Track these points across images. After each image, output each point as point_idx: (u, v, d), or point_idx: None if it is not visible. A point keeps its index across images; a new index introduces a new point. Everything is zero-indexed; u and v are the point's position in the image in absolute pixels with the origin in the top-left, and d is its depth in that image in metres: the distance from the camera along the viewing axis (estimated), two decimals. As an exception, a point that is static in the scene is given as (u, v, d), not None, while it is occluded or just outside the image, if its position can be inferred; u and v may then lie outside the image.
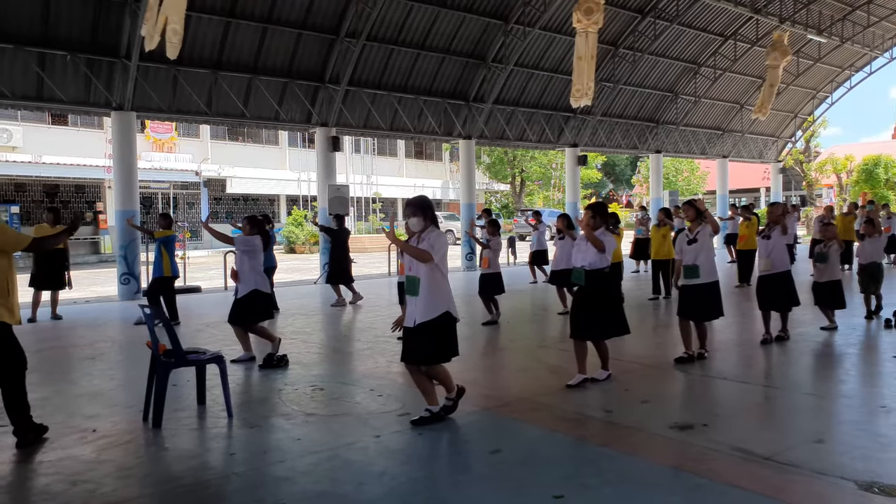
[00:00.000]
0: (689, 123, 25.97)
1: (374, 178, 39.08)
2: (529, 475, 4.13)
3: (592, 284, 6.04)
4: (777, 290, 7.76)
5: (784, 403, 5.69)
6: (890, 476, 3.93)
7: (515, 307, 11.54)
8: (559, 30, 18.97)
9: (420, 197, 5.19)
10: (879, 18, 24.53)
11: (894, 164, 36.19)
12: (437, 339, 4.94)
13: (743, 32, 23.36)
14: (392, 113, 17.95)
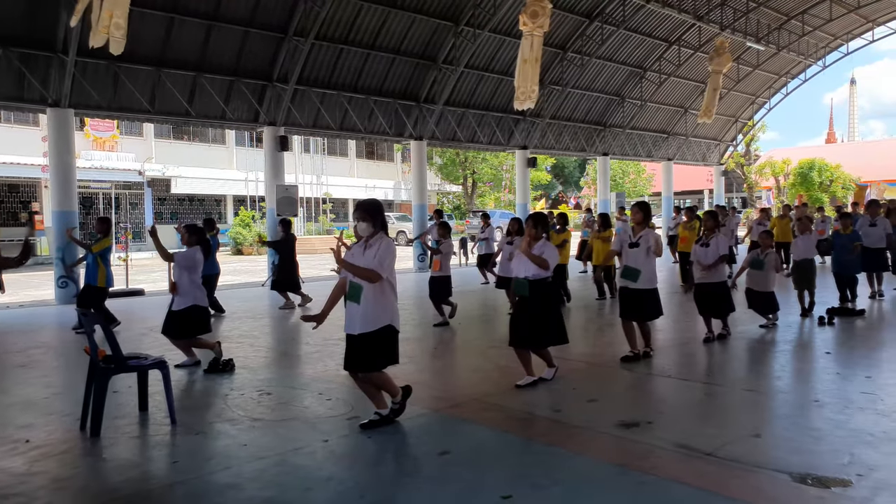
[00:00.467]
0: (635, 127, 26.55)
1: (325, 178, 38.70)
2: (478, 476, 4.14)
3: (536, 294, 6.01)
4: (714, 299, 7.91)
5: (724, 400, 5.85)
6: (822, 468, 4.08)
7: (467, 308, 11.57)
8: (509, 32, 19.13)
9: (370, 201, 5.10)
10: (813, 28, 25.56)
11: (828, 168, 37.70)
12: (378, 350, 4.88)
13: (686, 38, 24.02)
14: (342, 113, 17.80)
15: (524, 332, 6.07)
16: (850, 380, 6.19)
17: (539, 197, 49.90)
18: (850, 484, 3.84)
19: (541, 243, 6.07)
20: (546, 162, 44.82)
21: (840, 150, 47.09)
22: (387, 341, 4.93)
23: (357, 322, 4.85)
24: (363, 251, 4.91)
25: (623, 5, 20.39)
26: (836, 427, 4.84)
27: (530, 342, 6.11)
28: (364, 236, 4.96)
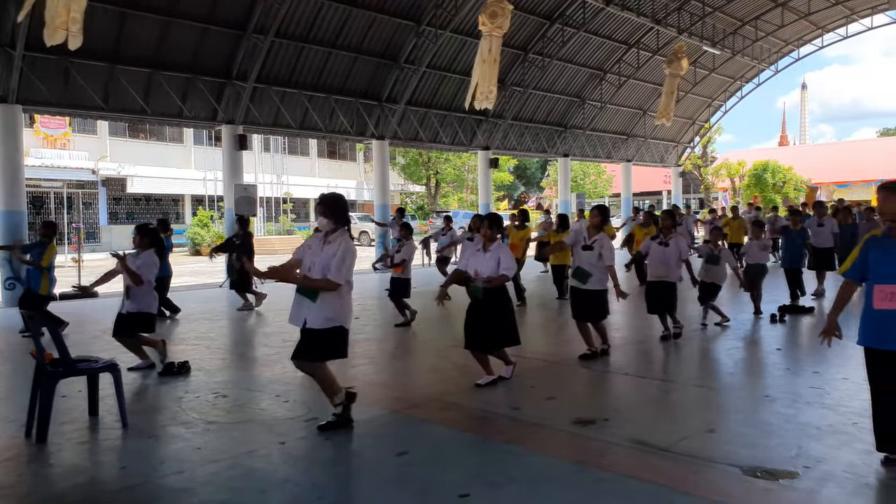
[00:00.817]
0: (595, 128, 26.89)
1: (285, 177, 38.29)
2: (436, 475, 4.13)
3: (490, 298, 5.96)
4: (663, 296, 7.99)
5: (679, 396, 5.96)
6: (771, 461, 4.18)
7: (427, 308, 11.56)
8: (470, 33, 19.18)
9: (333, 195, 4.95)
10: (766, 34, 26.25)
11: (781, 170, 38.78)
12: (326, 346, 4.83)
13: (645, 42, 24.43)
14: (303, 112, 17.62)
15: (478, 335, 6.04)
16: (799, 375, 6.36)
17: (502, 198, 50.19)
18: (798, 476, 3.94)
19: (496, 245, 6.06)
20: (508, 163, 45.09)
21: (792, 153, 48.41)
22: (337, 338, 4.86)
23: (309, 316, 4.75)
24: (322, 246, 4.80)
25: (583, 8, 20.64)
26: (786, 421, 4.97)
27: (484, 345, 6.08)
28: (325, 231, 4.86)
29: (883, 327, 3.94)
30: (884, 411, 4.03)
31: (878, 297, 3.95)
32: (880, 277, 3.98)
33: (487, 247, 6.06)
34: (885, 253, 3.99)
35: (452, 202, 44.78)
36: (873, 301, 3.99)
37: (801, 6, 24.90)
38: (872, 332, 4.00)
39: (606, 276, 7.02)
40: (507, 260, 5.99)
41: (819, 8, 25.17)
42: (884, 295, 3.93)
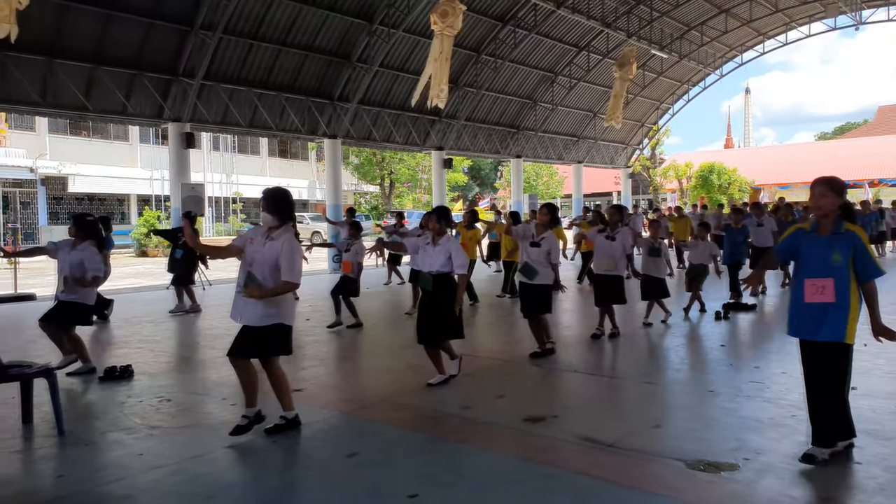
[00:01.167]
0: (547, 130, 27.19)
1: (235, 177, 37.60)
2: (385, 476, 4.10)
3: (439, 288, 5.99)
4: (609, 289, 8.13)
5: (627, 392, 6.06)
6: (714, 454, 4.28)
7: (379, 308, 11.52)
8: (424, 33, 19.17)
9: (277, 190, 4.82)
10: (711, 39, 26.97)
11: (726, 172, 39.95)
12: (270, 343, 4.74)
13: (595, 44, 24.82)
14: (252, 109, 17.33)
15: (427, 326, 6.06)
16: (741, 370, 6.54)
17: (456, 198, 50.33)
18: (738, 468, 4.04)
19: (445, 238, 6.06)
20: (463, 163, 45.27)
21: (737, 155, 49.90)
22: (279, 335, 4.76)
23: (248, 313, 4.65)
24: (264, 241, 4.68)
25: (535, 10, 20.85)
26: (727, 415, 5.10)
27: (432, 336, 6.08)
28: (269, 227, 4.74)
29: (813, 319, 4.03)
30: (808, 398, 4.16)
31: (809, 291, 4.04)
32: (810, 271, 4.07)
33: (437, 241, 6.05)
34: (813, 247, 4.08)
35: (407, 202, 44.67)
36: (804, 295, 4.07)
37: (743, 13, 25.67)
38: (804, 324, 4.09)
39: (551, 272, 7.13)
40: (459, 256, 5.99)
41: (760, 15, 25.99)
42: (815, 289, 4.02)
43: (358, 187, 44.60)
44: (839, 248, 3.99)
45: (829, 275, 3.99)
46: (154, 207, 30.82)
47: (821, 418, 4.09)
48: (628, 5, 22.78)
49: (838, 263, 3.97)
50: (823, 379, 4.07)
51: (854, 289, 4.02)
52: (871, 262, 4.01)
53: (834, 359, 4.03)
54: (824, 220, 4.08)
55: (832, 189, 4.04)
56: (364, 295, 13.22)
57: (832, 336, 3.99)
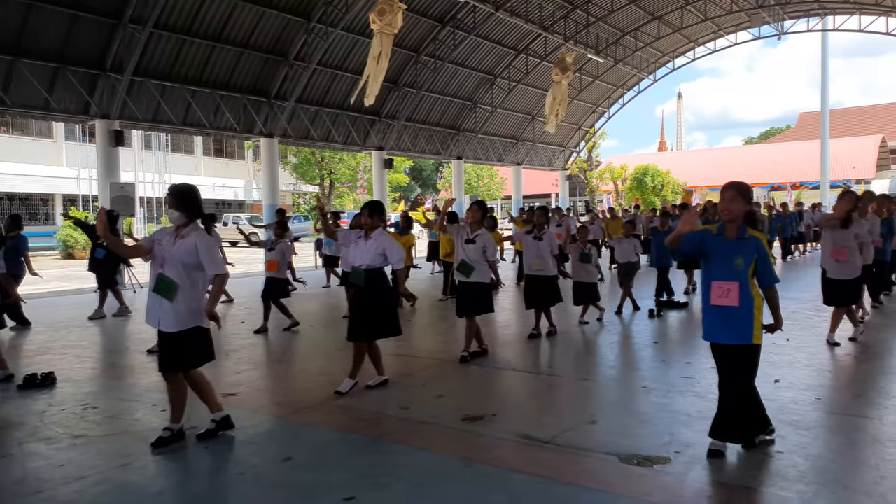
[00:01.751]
0: (487, 132, 27.42)
1: (168, 176, 36.44)
2: (321, 479, 4.03)
3: (371, 284, 5.88)
4: (542, 290, 8.17)
5: (563, 389, 6.15)
6: (646, 448, 4.38)
7: (316, 310, 11.36)
8: (363, 32, 19.05)
9: (183, 186, 4.65)
10: (644, 44, 27.76)
11: (659, 174, 41.17)
12: (190, 348, 4.59)
13: (533, 48, 25.17)
14: (185, 107, 16.85)
15: (359, 324, 5.91)
16: (672, 366, 6.73)
17: (398, 199, 50.18)
18: (669, 461, 4.15)
19: (377, 232, 5.92)
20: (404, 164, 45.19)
21: (670, 158, 51.48)
22: (200, 340, 4.63)
23: (164, 319, 4.51)
24: (174, 240, 4.52)
25: (474, 12, 20.99)
26: (660, 410, 5.23)
27: (364, 333, 5.91)
28: (177, 225, 4.58)
29: (721, 321, 4.10)
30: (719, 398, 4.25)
31: (715, 294, 4.11)
32: (716, 275, 4.13)
33: (369, 235, 5.93)
34: (719, 251, 4.14)
35: (347, 202, 44.23)
36: (711, 298, 4.13)
37: (675, 20, 26.50)
38: (714, 326, 4.15)
39: (488, 270, 7.15)
40: (394, 251, 5.87)
41: (691, 23, 26.88)
42: (721, 291, 4.09)
43: (296, 187, 43.92)
44: (743, 253, 4.07)
45: (734, 279, 4.06)
46: (81, 207, 29.58)
47: (740, 416, 4.15)
48: (565, 10, 23.19)
49: (741, 268, 4.06)
50: (735, 380, 4.13)
51: (755, 292, 4.11)
52: (770, 269, 4.15)
53: (744, 360, 4.10)
54: (731, 224, 4.15)
55: (741, 195, 4.12)
56: (303, 296, 13.06)
57: (740, 339, 4.06)
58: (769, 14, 24.60)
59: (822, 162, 35.70)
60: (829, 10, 25.58)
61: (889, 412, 5.05)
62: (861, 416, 5.02)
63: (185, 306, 4.49)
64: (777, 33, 26.36)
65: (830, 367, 6.51)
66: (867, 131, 50.73)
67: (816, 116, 43.72)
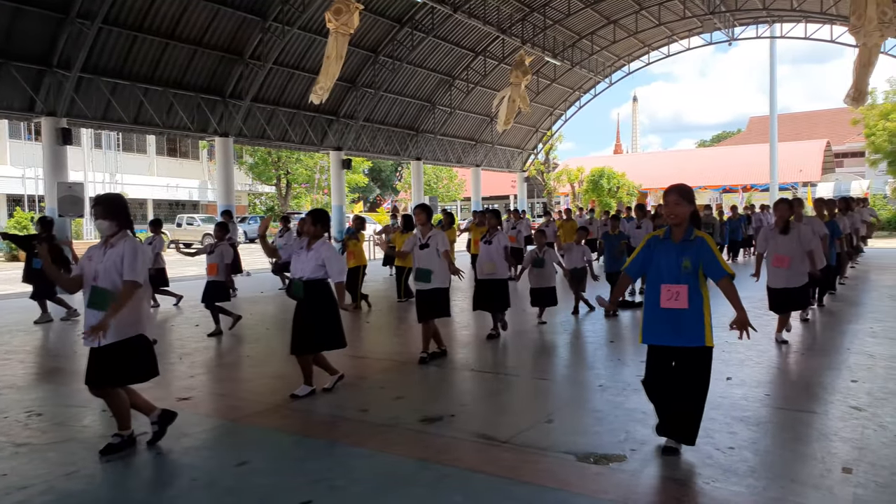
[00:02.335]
0: (445, 133, 27.46)
1: (120, 176, 35.58)
2: (277, 483, 3.97)
3: (312, 296, 5.71)
4: (494, 293, 8.15)
5: (521, 389, 6.18)
6: (603, 446, 4.43)
7: (273, 313, 11.20)
8: (319, 31, 18.88)
9: (110, 196, 4.54)
10: (600, 48, 28.15)
11: (615, 176, 41.84)
12: (130, 361, 4.40)
13: (492, 50, 25.31)
14: (137, 105, 16.43)
15: (301, 335, 5.74)
16: (627, 365, 6.82)
17: (357, 199, 49.86)
18: (625, 458, 4.21)
19: (320, 242, 5.75)
20: (363, 165, 44.91)
21: (625, 161, 52.37)
22: (141, 351, 4.47)
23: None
24: (104, 251, 4.39)
25: (432, 13, 20.99)
26: (615, 408, 5.30)
27: (306, 346, 5.77)
28: (106, 235, 4.44)
29: (671, 324, 4.08)
30: (654, 400, 4.27)
31: (664, 296, 4.10)
32: (665, 277, 4.13)
33: (311, 244, 5.74)
34: (666, 254, 4.15)
35: (305, 203, 43.77)
36: (660, 300, 4.09)
37: (630, 25, 26.96)
38: (662, 329, 4.12)
39: (448, 272, 7.06)
40: (335, 263, 5.69)
41: (645, 27, 27.38)
42: (670, 294, 4.09)
43: (252, 188, 43.27)
44: (689, 254, 4.08)
45: (684, 281, 4.07)
46: (26, 208, 28.63)
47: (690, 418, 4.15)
48: (523, 13, 23.37)
49: (688, 270, 4.07)
50: (689, 383, 4.11)
51: (705, 294, 4.12)
52: (718, 262, 4.11)
53: (699, 363, 4.09)
54: (678, 228, 4.17)
55: (684, 197, 4.13)
56: (259, 299, 12.87)
57: (694, 341, 4.05)
58: (720, 20, 25.22)
59: (771, 165, 36.78)
60: (776, 18, 26.35)
61: (834, 407, 5.22)
62: (808, 412, 5.17)
63: (124, 315, 4.30)
64: (728, 39, 27.04)
65: (779, 365, 6.69)
66: (813, 136, 52.55)
67: (766, 121, 45.05)
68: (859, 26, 12.50)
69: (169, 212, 40.21)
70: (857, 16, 12.54)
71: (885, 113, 30.67)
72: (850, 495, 3.63)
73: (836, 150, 52.24)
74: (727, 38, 26.81)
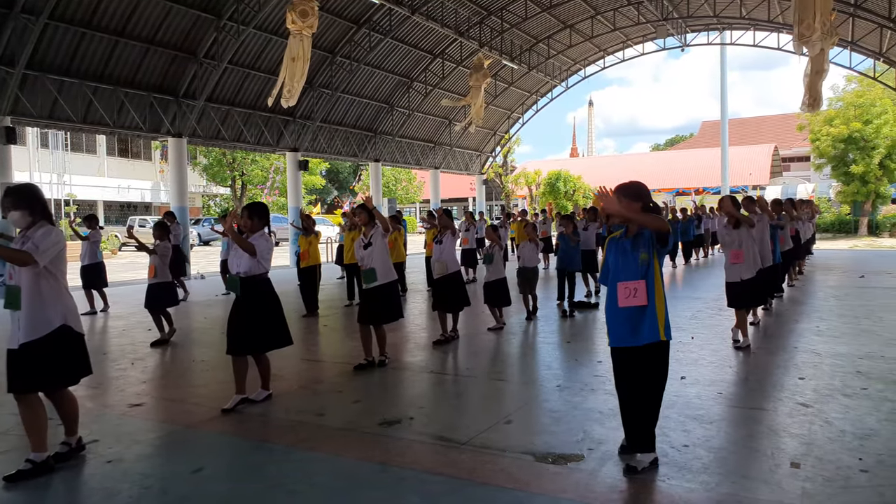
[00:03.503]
0: (404, 135, 27.40)
1: (68, 177, 34.50)
2: (233, 490, 3.90)
3: (249, 292, 5.52)
4: (450, 292, 8.19)
5: (480, 390, 6.20)
6: (560, 446, 4.48)
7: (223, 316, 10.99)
8: (275, 31, 18.64)
9: (22, 185, 4.28)
10: (557, 52, 28.47)
11: (571, 179, 42.39)
12: (49, 361, 4.12)
13: (450, 52, 25.36)
14: (86, 104, 15.95)
15: (240, 335, 5.51)
16: (585, 365, 6.91)
17: (315, 201, 49.39)
18: (583, 458, 4.26)
19: (257, 235, 5.53)
20: (320, 166, 44.41)
21: (581, 164, 53.08)
22: (63, 347, 4.16)
23: (21, 331, 4.07)
24: (21, 245, 4.12)
25: (390, 15, 20.93)
26: (573, 408, 5.36)
27: (247, 346, 5.55)
28: (21, 228, 4.20)
29: (630, 324, 4.05)
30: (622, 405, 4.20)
31: (622, 295, 4.10)
32: (621, 275, 4.13)
33: (248, 238, 5.51)
34: (623, 252, 4.17)
35: (261, 206, 43.09)
36: (618, 299, 4.08)
37: (585, 29, 27.34)
38: (623, 330, 4.10)
39: (391, 267, 6.94)
40: (263, 247, 5.47)
41: (600, 32, 27.81)
42: (628, 292, 4.09)
43: (207, 189, 42.48)
44: (644, 245, 4.08)
45: (640, 276, 4.07)
46: (-32, 209, 27.49)
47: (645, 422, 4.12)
48: (480, 16, 23.49)
49: (645, 262, 4.07)
50: (648, 383, 4.09)
51: (659, 287, 4.12)
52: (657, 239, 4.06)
53: (657, 359, 4.07)
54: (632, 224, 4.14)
55: (626, 195, 4.08)
56: (212, 302, 12.63)
57: (652, 338, 4.04)
58: (673, 27, 25.78)
59: (723, 169, 37.76)
60: (727, 25, 27.04)
61: (782, 404, 5.37)
62: (758, 409, 5.32)
63: (37, 311, 4.07)
64: (681, 45, 27.66)
65: (731, 364, 6.86)
66: (762, 140, 54.08)
67: (717, 125, 46.18)
68: (808, 35, 12.91)
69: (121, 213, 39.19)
70: (805, 25, 12.94)
71: (828, 119, 31.73)
72: (799, 489, 3.75)
73: (784, 155, 53.90)
74: (680, 43, 27.43)
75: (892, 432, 4.62)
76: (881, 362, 6.63)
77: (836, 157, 32.02)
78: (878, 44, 21.50)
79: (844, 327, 8.65)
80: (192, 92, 17.87)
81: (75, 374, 4.30)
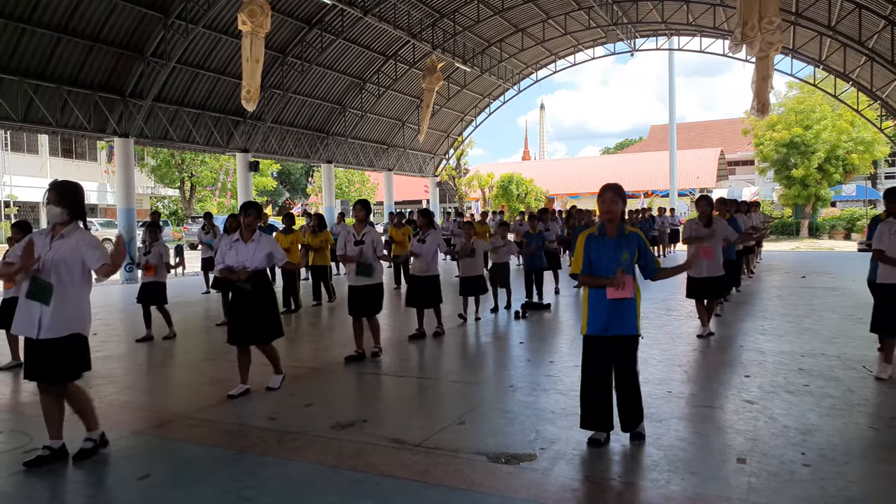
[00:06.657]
0: (357, 136, 27.24)
1: (8, 177, 33.23)
2: (180, 497, 3.80)
3: (260, 287, 5.89)
4: (427, 291, 8.45)
5: (434, 392, 6.20)
6: (513, 446, 4.51)
7: (185, 318, 10.75)
8: (225, 31, 18.32)
9: (67, 183, 4.40)
10: (509, 55, 28.74)
11: (524, 182, 42.83)
12: (71, 357, 4.32)
13: (402, 54, 25.33)
14: (27, 102, 15.37)
15: (245, 327, 5.86)
16: (537, 365, 6.98)
17: (266, 203, 48.63)
18: (535, 457, 4.29)
19: (258, 234, 5.96)
20: (271, 167, 43.82)
21: (533, 167, 53.68)
22: (81, 348, 4.39)
23: (43, 325, 4.20)
24: (50, 243, 4.21)
25: (342, 16, 20.79)
26: (526, 408, 5.41)
27: (256, 336, 5.91)
28: (56, 223, 4.27)
29: (616, 315, 4.37)
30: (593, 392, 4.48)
31: (610, 289, 4.36)
32: (605, 270, 4.41)
33: (249, 238, 5.90)
34: (604, 249, 4.45)
35: (211, 207, 42.30)
36: (606, 290, 4.34)
37: (537, 33, 27.66)
38: (608, 320, 4.38)
39: (382, 268, 7.37)
40: (278, 250, 6.00)
41: (552, 36, 28.18)
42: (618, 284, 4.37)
43: (155, 191, 41.48)
44: (626, 247, 4.42)
45: (626, 272, 4.37)
46: None
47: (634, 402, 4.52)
48: (433, 18, 23.53)
49: (627, 261, 4.39)
50: (627, 369, 4.47)
51: (637, 285, 4.46)
52: (652, 258, 4.55)
53: (632, 350, 4.48)
54: (611, 224, 4.47)
55: (619, 196, 4.46)
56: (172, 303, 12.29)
57: (632, 329, 4.42)
58: (623, 32, 26.27)
59: (671, 172, 38.68)
60: (674, 31, 27.70)
61: (729, 401, 5.53)
62: (706, 406, 5.45)
63: (67, 311, 4.23)
64: (630, 50, 28.24)
65: (680, 362, 7.02)
66: (708, 144, 55.62)
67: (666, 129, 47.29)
68: (752, 36, 13.13)
69: (62, 216, 37.85)
70: (749, 26, 13.10)
71: (772, 124, 32.79)
72: (745, 484, 3.85)
73: (729, 159, 55.55)
74: (629, 48, 28.00)
75: (832, 427, 4.80)
76: (822, 359, 6.88)
77: (778, 161, 33.12)
78: (817, 51, 22.33)
79: (788, 326, 8.96)
80: (140, 91, 17.41)
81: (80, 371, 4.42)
